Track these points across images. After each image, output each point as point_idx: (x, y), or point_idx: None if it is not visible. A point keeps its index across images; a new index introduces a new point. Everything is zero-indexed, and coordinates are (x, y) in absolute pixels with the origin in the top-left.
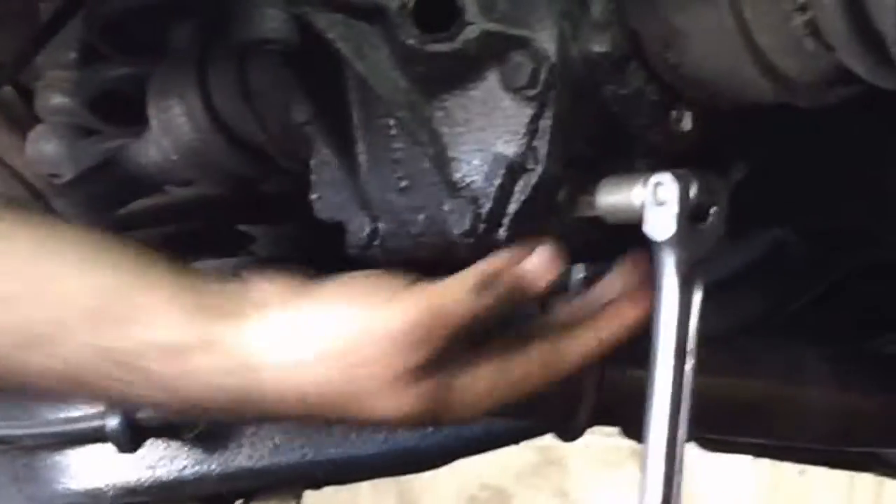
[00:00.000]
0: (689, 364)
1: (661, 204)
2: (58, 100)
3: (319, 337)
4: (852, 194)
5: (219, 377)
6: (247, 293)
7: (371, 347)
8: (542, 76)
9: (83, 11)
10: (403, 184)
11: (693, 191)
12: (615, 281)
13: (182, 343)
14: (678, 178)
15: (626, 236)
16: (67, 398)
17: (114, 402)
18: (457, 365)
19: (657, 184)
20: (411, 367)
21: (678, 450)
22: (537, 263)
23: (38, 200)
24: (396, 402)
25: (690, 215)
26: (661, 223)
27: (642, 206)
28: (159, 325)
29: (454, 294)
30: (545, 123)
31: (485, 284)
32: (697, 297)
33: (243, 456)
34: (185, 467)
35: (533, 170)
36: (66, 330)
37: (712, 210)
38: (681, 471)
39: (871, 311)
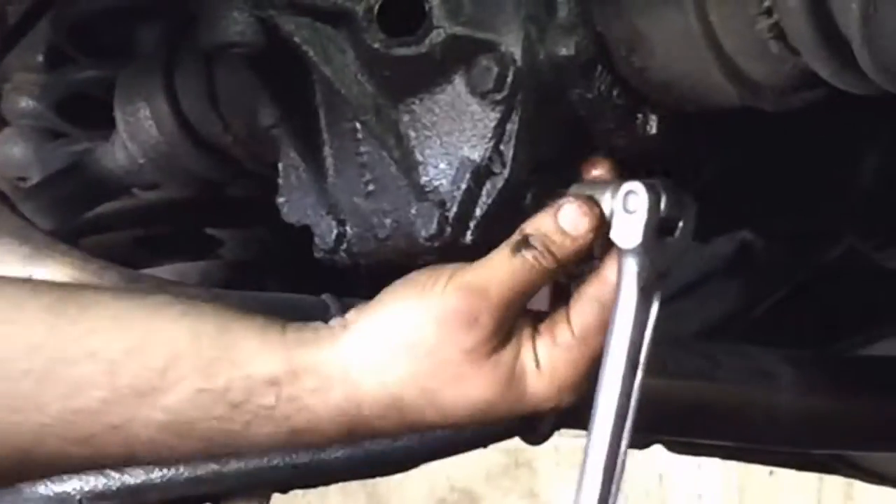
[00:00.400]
0: (639, 376)
1: (630, 212)
2: (25, 103)
3: (392, 338)
4: (818, 197)
5: (323, 396)
6: (323, 323)
7: (435, 334)
8: (509, 80)
9: (50, 14)
10: (370, 187)
11: (663, 202)
12: None
13: (287, 371)
14: (649, 188)
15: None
16: (164, 457)
17: (218, 451)
18: (523, 344)
19: (628, 192)
20: (476, 341)
21: (619, 460)
22: (566, 217)
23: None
24: (475, 381)
25: (658, 227)
26: (628, 231)
27: (611, 214)
28: (260, 360)
29: (495, 263)
30: (511, 127)
31: (518, 247)
32: (654, 309)
33: (211, 459)
34: (152, 471)
35: (499, 173)
36: (172, 378)
37: (679, 224)
38: (620, 480)
39: (835, 313)
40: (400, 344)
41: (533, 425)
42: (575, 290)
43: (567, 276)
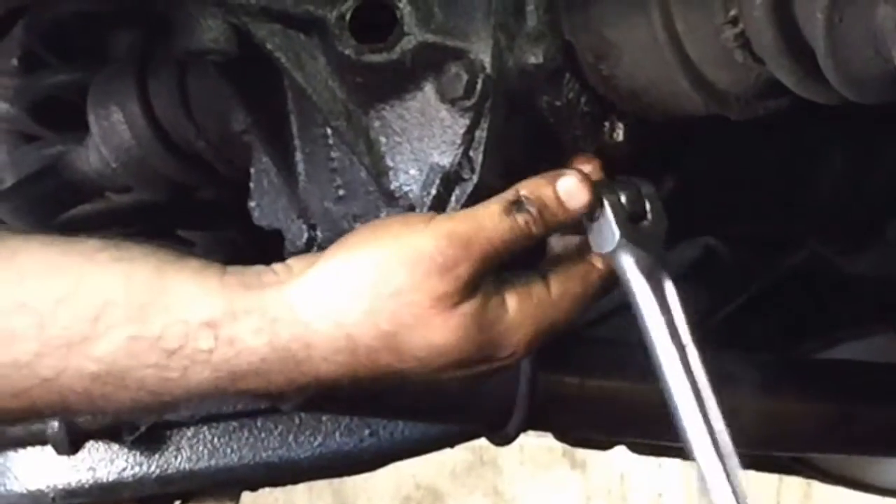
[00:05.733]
0: (692, 350)
1: (597, 219)
2: None
3: (354, 277)
4: (781, 203)
5: (267, 337)
6: (268, 268)
7: (405, 274)
8: (478, 87)
9: (25, 18)
10: (341, 192)
11: (623, 198)
12: None
13: (226, 313)
14: (606, 191)
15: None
16: (100, 407)
17: (156, 400)
18: (491, 294)
19: None
20: (449, 290)
21: (720, 436)
22: (566, 187)
23: None
24: (440, 329)
25: (629, 218)
26: (605, 234)
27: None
28: (198, 304)
29: (484, 216)
30: (480, 134)
31: (513, 206)
32: (670, 287)
33: (182, 458)
34: (124, 469)
35: (468, 179)
36: (103, 327)
37: (647, 207)
38: (733, 454)
39: (796, 317)
40: (361, 284)
41: (500, 428)
42: (553, 251)
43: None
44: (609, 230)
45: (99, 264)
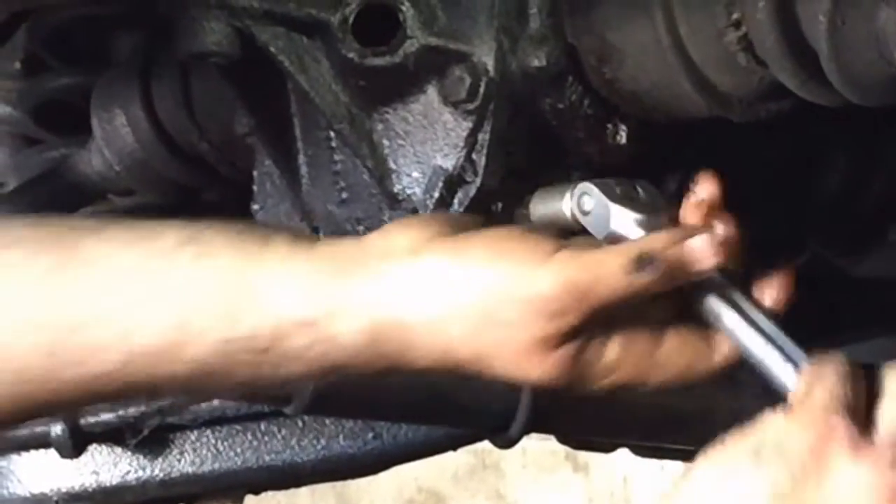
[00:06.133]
0: (745, 304)
1: (586, 213)
2: (2, 109)
3: (466, 293)
4: (782, 205)
5: (367, 337)
6: (367, 248)
7: (515, 309)
8: (481, 90)
9: (28, 22)
10: (344, 195)
11: (617, 189)
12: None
13: (324, 312)
14: (599, 184)
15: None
16: (187, 397)
17: (244, 392)
18: (595, 335)
19: (583, 193)
20: (551, 334)
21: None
22: (703, 246)
23: None
24: (532, 365)
25: (622, 197)
26: (600, 221)
27: (573, 216)
28: (292, 301)
29: (609, 269)
30: (483, 137)
31: (643, 263)
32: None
33: (185, 462)
34: (127, 472)
35: (471, 182)
36: (192, 331)
37: (637, 188)
38: None
39: (797, 319)
40: (472, 304)
41: (503, 431)
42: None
43: None
44: (603, 207)
45: (180, 264)
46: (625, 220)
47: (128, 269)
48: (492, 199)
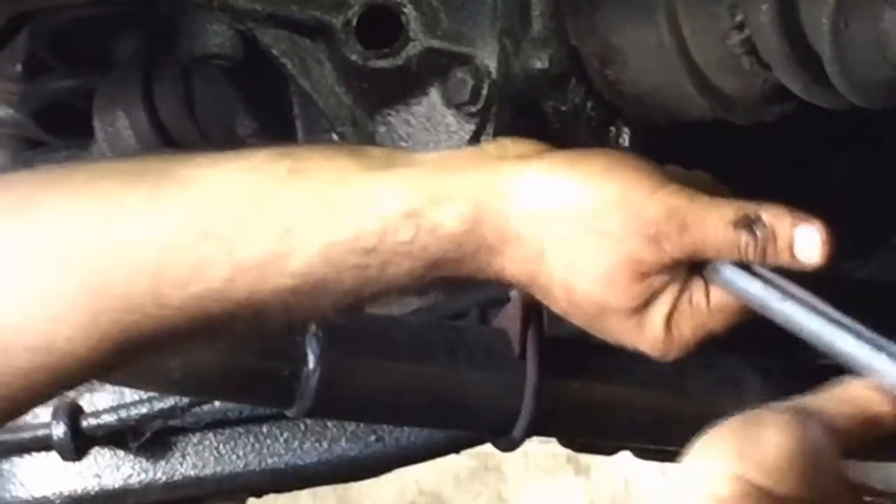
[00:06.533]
0: (792, 288)
1: None
2: (3, 112)
3: (576, 193)
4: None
5: (470, 225)
6: (477, 150)
7: (619, 222)
8: (484, 92)
9: (30, 24)
10: None
11: None
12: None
13: (428, 199)
14: None
15: None
16: (299, 318)
17: (356, 301)
18: (685, 284)
19: None
20: (645, 258)
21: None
22: (810, 238)
23: None
24: (615, 290)
25: None
26: None
27: None
28: (395, 195)
29: (716, 214)
30: (486, 139)
31: (747, 224)
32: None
33: (188, 465)
34: (130, 476)
35: None
36: (295, 240)
37: None
38: None
39: None
40: (579, 204)
41: (505, 433)
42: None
43: None
44: None
45: (278, 178)
46: None
47: (225, 186)
48: None
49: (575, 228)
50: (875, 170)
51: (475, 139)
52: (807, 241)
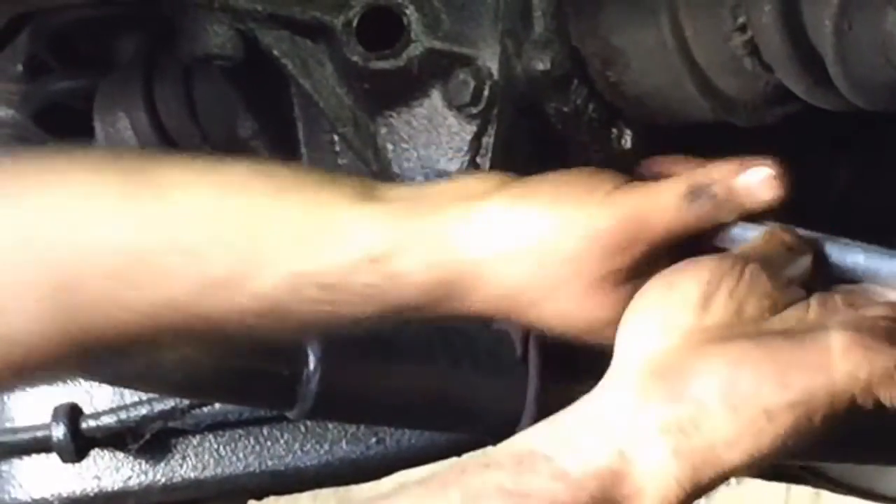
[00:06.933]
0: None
1: None
2: (3, 112)
3: (532, 229)
4: (790, 208)
5: (436, 273)
6: (438, 191)
7: (576, 246)
8: (486, 94)
9: (31, 25)
10: None
11: None
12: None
13: (392, 246)
14: None
15: None
16: (257, 339)
17: (315, 331)
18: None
19: None
20: (612, 270)
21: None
22: (757, 179)
23: None
24: (591, 306)
25: None
26: None
27: None
28: (362, 234)
29: (665, 199)
30: (488, 140)
31: (697, 193)
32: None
33: (188, 466)
34: (129, 477)
35: None
36: (263, 263)
37: None
38: None
39: None
40: (537, 239)
41: (507, 436)
42: None
43: None
44: None
45: (251, 197)
46: None
47: (198, 199)
48: None
49: (542, 261)
50: (878, 172)
51: (477, 140)
52: (760, 182)
